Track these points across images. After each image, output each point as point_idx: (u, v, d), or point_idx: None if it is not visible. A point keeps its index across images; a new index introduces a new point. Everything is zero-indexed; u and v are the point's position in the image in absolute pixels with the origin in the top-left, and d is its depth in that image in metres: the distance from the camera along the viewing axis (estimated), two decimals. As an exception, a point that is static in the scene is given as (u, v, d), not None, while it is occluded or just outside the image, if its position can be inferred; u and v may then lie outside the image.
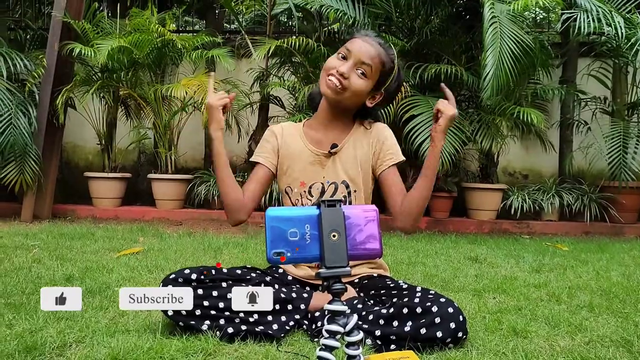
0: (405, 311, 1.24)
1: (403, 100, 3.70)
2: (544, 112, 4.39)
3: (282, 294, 1.36)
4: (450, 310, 1.21)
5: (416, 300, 1.26)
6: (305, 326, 1.36)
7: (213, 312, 1.28)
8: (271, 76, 4.54)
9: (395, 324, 1.24)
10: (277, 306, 1.32)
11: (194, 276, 1.32)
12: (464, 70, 3.87)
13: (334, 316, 0.88)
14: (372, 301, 1.39)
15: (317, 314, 1.36)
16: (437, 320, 1.20)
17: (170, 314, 1.26)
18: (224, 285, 1.32)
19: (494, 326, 1.40)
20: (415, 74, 3.87)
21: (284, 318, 1.33)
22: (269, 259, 0.88)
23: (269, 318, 1.30)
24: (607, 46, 4.17)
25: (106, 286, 1.76)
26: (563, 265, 2.48)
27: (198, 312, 1.27)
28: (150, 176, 4.37)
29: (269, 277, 1.47)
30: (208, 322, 1.27)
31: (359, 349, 0.89)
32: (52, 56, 3.92)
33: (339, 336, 0.88)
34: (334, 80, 1.41)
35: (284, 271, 1.54)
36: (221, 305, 1.28)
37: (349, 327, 0.87)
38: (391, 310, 1.26)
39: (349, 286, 1.45)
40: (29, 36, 4.91)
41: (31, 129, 3.72)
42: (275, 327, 1.30)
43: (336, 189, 1.51)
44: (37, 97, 3.85)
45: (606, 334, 1.37)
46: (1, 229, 3.27)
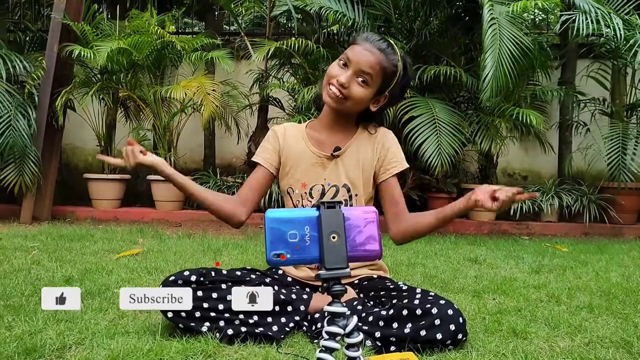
0: (405, 313, 1.24)
1: (402, 101, 3.70)
2: (543, 113, 4.40)
3: (281, 296, 1.36)
4: (450, 312, 1.22)
5: (416, 302, 1.26)
6: (305, 327, 1.36)
7: (213, 313, 1.28)
8: (270, 78, 4.54)
9: (395, 325, 1.24)
10: (276, 307, 1.32)
11: (193, 278, 1.32)
12: (463, 71, 3.87)
13: (333, 318, 0.88)
14: (372, 303, 1.40)
15: (316, 315, 1.36)
16: (437, 322, 1.20)
17: (170, 315, 1.26)
18: (223, 287, 1.32)
19: (493, 327, 1.40)
20: (414, 75, 3.87)
21: (283, 319, 1.33)
22: (268, 261, 0.88)
23: (269, 319, 1.30)
24: (606, 47, 4.17)
25: (105, 288, 1.76)
26: (562, 266, 2.48)
27: (198, 314, 1.27)
28: (150, 177, 4.37)
29: (268, 279, 1.47)
30: (208, 323, 1.27)
31: (358, 350, 0.89)
32: (52, 58, 3.92)
33: (338, 338, 0.88)
34: (334, 90, 1.41)
35: (283, 272, 1.54)
36: (221, 307, 1.28)
37: (348, 328, 0.87)
38: (391, 311, 1.27)
39: (348, 287, 1.45)
40: (29, 38, 4.91)
41: (30, 130, 3.71)
42: (275, 328, 1.30)
43: (337, 192, 1.50)
44: (36, 99, 3.85)
45: (606, 334, 1.37)
46: (0, 230, 3.26)
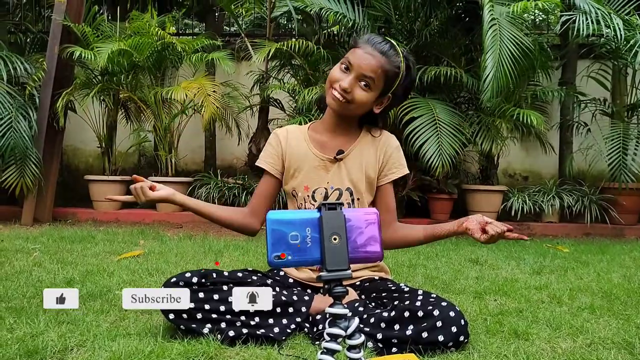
0: (407, 314, 1.24)
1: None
2: (543, 113, 4.40)
3: (283, 297, 1.36)
4: (452, 314, 1.22)
5: (417, 304, 1.26)
6: (306, 329, 1.36)
7: (214, 315, 1.28)
8: (271, 79, 4.54)
9: (396, 327, 1.24)
10: (278, 309, 1.32)
11: (194, 279, 1.32)
12: (463, 72, 3.87)
13: (335, 319, 0.88)
14: (373, 304, 1.40)
15: (318, 316, 1.36)
16: (439, 324, 1.20)
17: (171, 317, 1.26)
18: (225, 288, 1.31)
19: (495, 328, 1.40)
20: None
21: (285, 321, 1.33)
22: (269, 262, 0.87)
23: (270, 321, 1.30)
24: (606, 48, 4.17)
25: (107, 289, 1.76)
26: (564, 267, 2.48)
27: (199, 316, 1.27)
28: (151, 179, 4.34)
29: (270, 280, 1.47)
30: (209, 325, 1.27)
31: (360, 352, 0.89)
32: (52, 59, 3.92)
33: (340, 339, 0.87)
34: (337, 95, 1.40)
35: (285, 274, 1.54)
36: (222, 308, 1.28)
37: (350, 330, 0.87)
38: (392, 313, 1.26)
39: (350, 289, 1.45)
40: (29, 39, 4.92)
41: (31, 132, 3.72)
42: (277, 330, 1.30)
43: (340, 195, 1.50)
44: (37, 101, 3.85)
45: (608, 336, 1.37)
46: (2, 232, 3.26)
